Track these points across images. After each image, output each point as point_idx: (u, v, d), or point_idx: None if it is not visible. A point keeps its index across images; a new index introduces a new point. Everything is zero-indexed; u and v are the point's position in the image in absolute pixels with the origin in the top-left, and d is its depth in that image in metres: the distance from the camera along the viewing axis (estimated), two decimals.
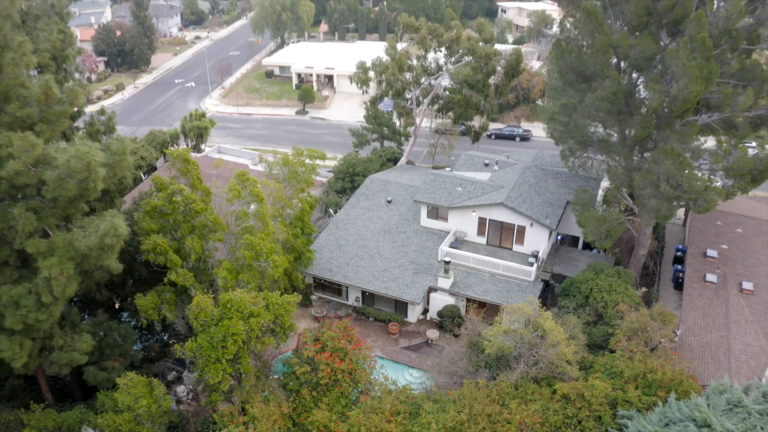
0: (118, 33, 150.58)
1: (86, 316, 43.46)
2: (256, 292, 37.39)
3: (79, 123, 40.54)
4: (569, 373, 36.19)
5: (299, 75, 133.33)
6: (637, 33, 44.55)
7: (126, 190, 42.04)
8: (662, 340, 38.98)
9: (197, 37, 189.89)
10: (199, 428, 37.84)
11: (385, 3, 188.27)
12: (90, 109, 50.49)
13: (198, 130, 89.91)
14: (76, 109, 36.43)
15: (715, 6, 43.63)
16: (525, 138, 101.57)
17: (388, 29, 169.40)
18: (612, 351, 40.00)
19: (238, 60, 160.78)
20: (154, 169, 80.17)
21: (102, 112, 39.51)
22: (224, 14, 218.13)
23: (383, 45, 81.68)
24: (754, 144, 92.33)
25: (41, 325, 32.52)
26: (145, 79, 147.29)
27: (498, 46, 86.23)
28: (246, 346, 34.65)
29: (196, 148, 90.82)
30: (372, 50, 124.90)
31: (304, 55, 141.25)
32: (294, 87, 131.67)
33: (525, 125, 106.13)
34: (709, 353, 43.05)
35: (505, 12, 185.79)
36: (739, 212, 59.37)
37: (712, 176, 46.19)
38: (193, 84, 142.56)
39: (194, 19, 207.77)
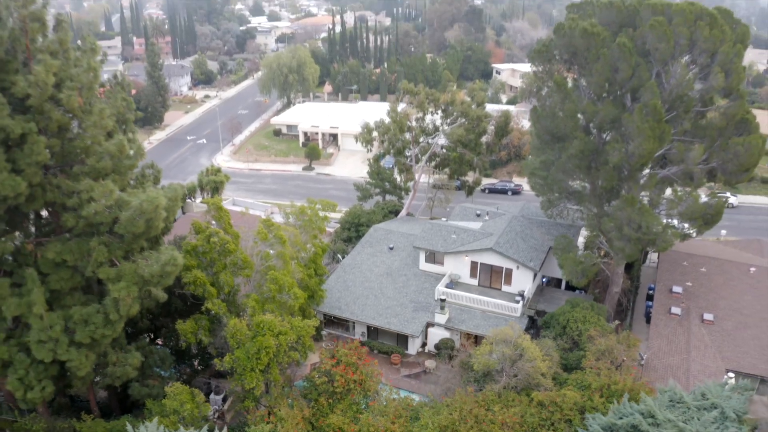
0: (134, 91, 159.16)
1: (129, 342, 50.05)
2: (281, 317, 44.44)
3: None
4: (544, 384, 43.05)
5: (305, 133, 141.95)
6: (605, 96, 52.49)
7: (168, 232, 48.97)
8: (625, 359, 45.75)
9: (207, 96, 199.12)
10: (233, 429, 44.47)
11: (385, 65, 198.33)
12: None
13: (214, 184, 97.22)
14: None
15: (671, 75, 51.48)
16: (516, 192, 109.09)
17: (389, 90, 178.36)
18: (583, 369, 46.64)
19: (247, 118, 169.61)
20: (174, 219, 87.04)
21: (151, 165, 46.95)
22: (232, 74, 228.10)
23: (384, 105, 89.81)
24: (728, 194, 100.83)
25: (105, 340, 39.28)
26: (159, 135, 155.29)
27: (492, 106, 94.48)
28: (275, 358, 41.58)
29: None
30: (374, 110, 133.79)
31: (310, 115, 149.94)
32: (301, 144, 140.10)
33: (516, 180, 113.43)
34: (671, 372, 49.68)
35: (499, 73, 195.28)
36: (704, 254, 66.35)
37: (670, 220, 53.47)
38: (204, 141, 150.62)
39: (203, 79, 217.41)
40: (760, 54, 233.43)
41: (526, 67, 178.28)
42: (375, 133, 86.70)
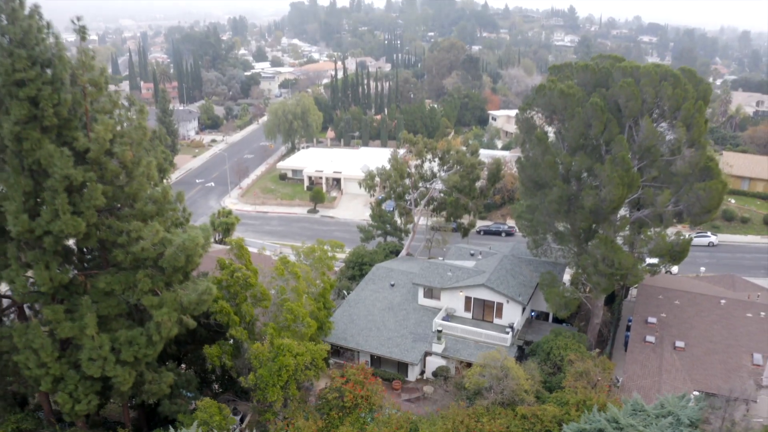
0: None
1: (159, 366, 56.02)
2: (297, 342, 50.78)
3: None
4: (527, 399, 49.22)
5: (310, 177, 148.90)
6: (581, 147, 59.31)
7: (196, 267, 55.25)
8: (599, 379, 51.86)
9: (214, 141, 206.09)
10: None
11: (386, 111, 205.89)
12: None
13: (225, 226, 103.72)
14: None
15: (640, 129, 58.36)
16: (510, 233, 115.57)
17: (390, 136, 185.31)
18: (563, 388, 52.72)
19: (253, 162, 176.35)
20: None
21: (184, 209, 53.47)
22: (237, 119, 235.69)
23: (385, 151, 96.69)
24: (709, 233, 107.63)
25: (146, 359, 45.44)
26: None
27: (487, 152, 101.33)
28: (294, 375, 47.82)
29: (223, 242, 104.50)
30: (375, 156, 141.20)
31: (314, 160, 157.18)
32: (305, 188, 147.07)
33: (510, 222, 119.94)
34: (643, 393, 55.54)
35: (495, 119, 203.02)
36: (679, 288, 72.58)
37: (641, 257, 59.93)
38: (213, 184, 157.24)
39: (210, 124, 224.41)
40: (749, 97, 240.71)
41: None
42: (377, 179, 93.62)
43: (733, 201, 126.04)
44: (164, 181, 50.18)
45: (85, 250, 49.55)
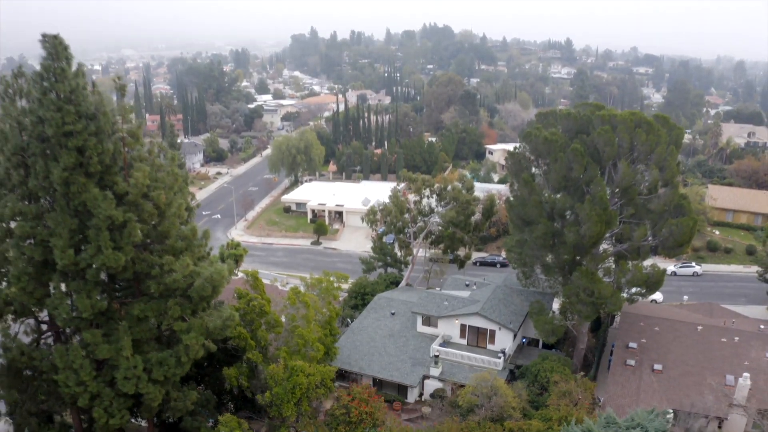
0: None
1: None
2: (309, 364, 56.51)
3: None
4: (514, 416, 54.78)
5: (313, 210, 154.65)
6: (564, 188, 65.37)
7: (218, 296, 60.99)
8: (580, 398, 57.42)
9: (218, 173, 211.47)
10: None
11: (386, 146, 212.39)
12: None
13: (234, 257, 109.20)
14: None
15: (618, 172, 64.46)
16: (504, 264, 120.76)
17: (390, 170, 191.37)
18: (548, 406, 58.24)
19: (257, 195, 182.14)
20: None
21: (205, 244, 59.32)
22: (241, 152, 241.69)
23: (385, 185, 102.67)
24: (693, 263, 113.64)
25: (175, 378, 51.01)
26: None
27: (484, 185, 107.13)
28: (306, 393, 53.46)
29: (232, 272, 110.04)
30: (376, 189, 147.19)
31: (317, 193, 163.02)
32: (309, 221, 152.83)
33: (504, 254, 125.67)
34: (621, 410, 60.90)
35: (491, 153, 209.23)
36: (659, 316, 78.22)
37: (618, 286, 65.75)
38: (219, 216, 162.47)
39: (215, 156, 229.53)
40: (741, 128, 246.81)
41: None
42: (378, 214, 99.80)
43: (717, 232, 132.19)
44: (189, 220, 56.12)
45: (116, 280, 55.29)
